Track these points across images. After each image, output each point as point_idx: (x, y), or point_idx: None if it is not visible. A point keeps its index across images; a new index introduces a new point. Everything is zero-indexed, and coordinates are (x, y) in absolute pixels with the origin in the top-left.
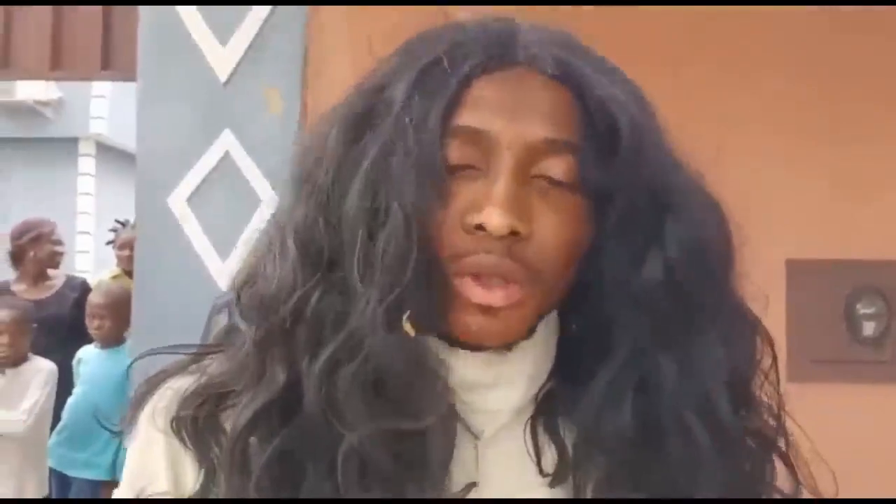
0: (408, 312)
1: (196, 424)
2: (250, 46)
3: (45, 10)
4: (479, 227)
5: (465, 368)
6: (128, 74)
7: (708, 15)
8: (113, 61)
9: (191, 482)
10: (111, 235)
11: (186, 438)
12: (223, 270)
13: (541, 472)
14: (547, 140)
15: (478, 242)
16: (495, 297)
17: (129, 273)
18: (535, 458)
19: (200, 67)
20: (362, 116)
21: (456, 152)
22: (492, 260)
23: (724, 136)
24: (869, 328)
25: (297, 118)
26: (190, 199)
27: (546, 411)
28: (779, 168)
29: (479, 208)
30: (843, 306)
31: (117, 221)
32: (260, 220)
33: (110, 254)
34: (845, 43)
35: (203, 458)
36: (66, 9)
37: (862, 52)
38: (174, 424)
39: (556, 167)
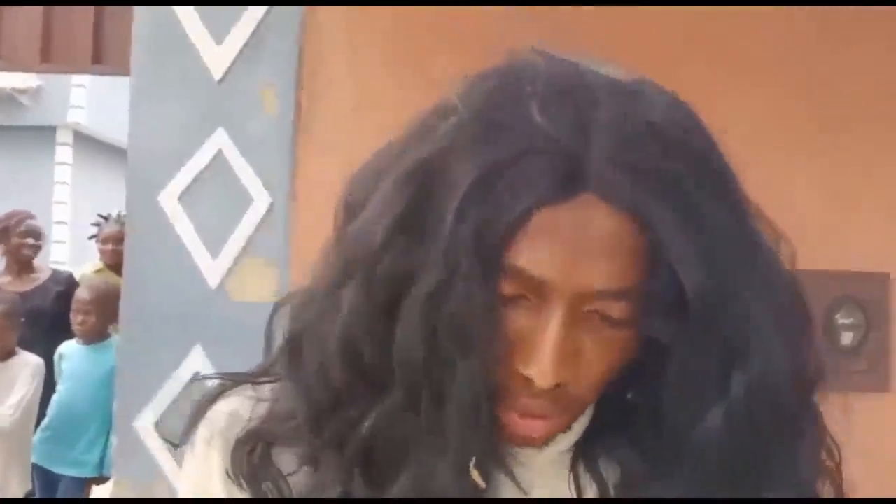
0: (473, 460)
1: (250, 472)
2: (246, 45)
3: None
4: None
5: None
6: (118, 69)
7: (708, 15)
8: (104, 56)
9: None
10: (88, 226)
11: (243, 483)
12: (214, 268)
13: None
14: (604, 292)
15: (524, 384)
16: (535, 430)
17: (111, 267)
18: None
19: (195, 66)
20: (409, 215)
21: (508, 287)
22: (536, 403)
23: (723, 137)
24: (847, 338)
25: (292, 118)
26: (181, 197)
27: (586, 454)
28: (770, 175)
29: (528, 357)
30: (822, 316)
31: (100, 216)
32: (252, 220)
33: (87, 245)
34: (842, 46)
35: (256, 493)
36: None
37: (860, 58)
38: (229, 474)
39: (612, 309)
